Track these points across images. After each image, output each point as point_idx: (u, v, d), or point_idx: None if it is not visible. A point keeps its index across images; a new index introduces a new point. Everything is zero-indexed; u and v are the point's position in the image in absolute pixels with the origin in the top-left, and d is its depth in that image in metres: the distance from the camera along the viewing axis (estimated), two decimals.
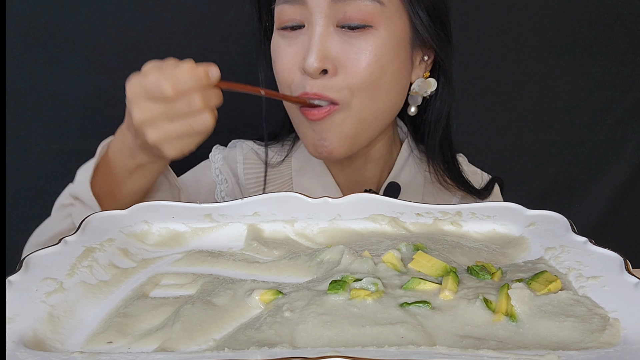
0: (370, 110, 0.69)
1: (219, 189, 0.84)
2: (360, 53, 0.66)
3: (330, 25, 0.66)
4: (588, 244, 0.48)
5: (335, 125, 0.68)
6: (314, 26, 0.66)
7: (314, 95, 0.66)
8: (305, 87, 0.67)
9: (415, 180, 0.83)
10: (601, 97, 1.26)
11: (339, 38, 0.66)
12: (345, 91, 0.67)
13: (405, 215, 0.58)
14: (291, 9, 0.68)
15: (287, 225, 0.58)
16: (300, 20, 0.68)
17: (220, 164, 0.85)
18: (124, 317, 0.41)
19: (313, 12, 0.66)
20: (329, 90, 0.66)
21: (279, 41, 0.71)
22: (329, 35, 0.66)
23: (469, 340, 0.37)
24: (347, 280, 0.43)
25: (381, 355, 0.33)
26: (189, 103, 0.54)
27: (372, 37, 0.66)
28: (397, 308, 0.40)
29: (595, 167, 1.30)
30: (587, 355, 0.33)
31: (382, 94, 0.69)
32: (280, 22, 0.70)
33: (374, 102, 0.69)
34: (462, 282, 0.44)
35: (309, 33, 0.67)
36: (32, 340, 0.36)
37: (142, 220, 0.56)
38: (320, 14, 0.65)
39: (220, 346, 0.37)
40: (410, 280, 0.43)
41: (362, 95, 0.68)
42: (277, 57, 0.71)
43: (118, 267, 0.49)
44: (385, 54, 0.67)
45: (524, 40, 1.20)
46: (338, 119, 0.68)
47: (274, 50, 0.72)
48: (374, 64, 0.66)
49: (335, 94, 0.67)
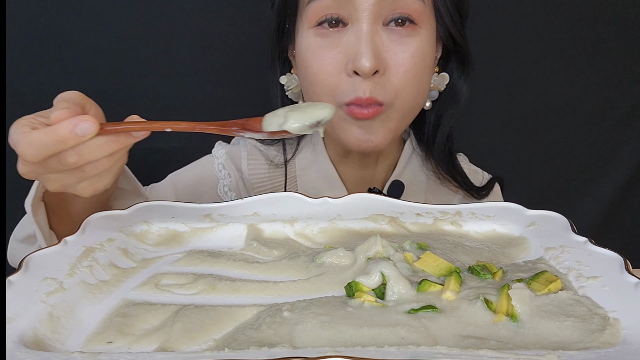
0: (411, 106, 0.70)
1: (222, 183, 0.83)
2: (408, 52, 0.65)
3: (377, 24, 0.65)
4: (588, 244, 0.48)
5: (381, 122, 0.68)
6: (361, 24, 0.64)
7: (367, 100, 0.65)
8: (358, 92, 0.65)
9: (417, 179, 0.84)
10: (601, 97, 1.26)
11: (387, 37, 0.65)
12: (392, 91, 0.66)
13: (405, 215, 0.58)
14: (333, 4, 0.65)
15: (287, 225, 0.58)
16: (342, 15, 0.65)
17: (223, 159, 0.84)
18: (124, 317, 0.41)
19: (359, 9, 0.63)
20: (379, 93, 0.65)
21: (316, 41, 0.67)
22: (377, 34, 0.65)
23: (470, 340, 0.37)
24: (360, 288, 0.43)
25: (381, 355, 0.33)
26: (60, 161, 0.45)
27: (418, 35, 0.66)
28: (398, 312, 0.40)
29: (595, 167, 1.30)
30: (587, 355, 0.33)
31: (422, 91, 0.71)
32: (318, 16, 0.66)
33: (414, 99, 0.70)
34: (464, 282, 0.44)
35: (354, 32, 0.65)
36: (32, 340, 0.36)
37: (142, 220, 0.56)
38: (367, 11, 0.63)
39: (220, 346, 0.37)
40: (422, 282, 0.43)
41: (406, 94, 0.68)
42: (315, 58, 0.67)
43: (118, 267, 0.49)
44: (428, 52, 0.68)
45: (524, 40, 1.20)
46: (383, 116, 0.68)
47: (310, 52, 0.68)
48: (420, 63, 0.67)
49: (384, 96, 0.66)
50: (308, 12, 0.67)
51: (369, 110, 0.65)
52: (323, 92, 0.68)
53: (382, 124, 0.68)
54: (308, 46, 0.68)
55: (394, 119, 0.69)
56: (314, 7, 0.66)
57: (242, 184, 0.83)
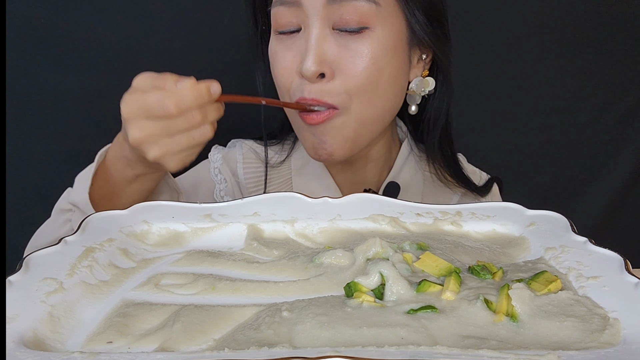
0: (369, 112, 0.69)
1: (218, 188, 0.83)
2: (357, 56, 0.65)
3: (327, 28, 0.65)
4: (588, 244, 0.48)
5: (335, 128, 0.68)
6: (310, 29, 0.65)
7: (312, 100, 0.66)
8: (304, 92, 0.66)
9: (414, 180, 0.83)
10: (601, 97, 1.26)
11: (336, 41, 0.65)
12: (343, 95, 0.66)
13: (405, 215, 0.58)
14: (287, 11, 0.67)
15: (287, 225, 0.58)
16: (296, 23, 0.67)
17: (219, 164, 0.84)
18: (124, 317, 0.41)
19: (309, 15, 0.65)
20: (327, 95, 0.66)
21: (276, 45, 0.70)
22: (326, 38, 0.65)
23: (470, 340, 0.37)
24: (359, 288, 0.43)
25: (381, 355, 0.33)
26: (188, 119, 0.53)
27: (369, 39, 0.65)
28: (397, 313, 0.40)
29: (595, 167, 1.30)
30: (587, 355, 0.33)
31: (381, 96, 0.69)
32: (277, 25, 0.69)
33: (373, 104, 0.68)
34: (464, 283, 0.44)
35: (305, 36, 0.66)
36: (32, 340, 0.36)
37: (142, 220, 0.56)
38: (315, 16, 0.65)
39: (220, 346, 0.37)
40: (421, 283, 0.43)
41: (360, 99, 0.67)
42: (275, 61, 0.70)
43: (118, 267, 0.49)
44: (383, 55, 0.66)
45: (524, 40, 1.20)
46: (337, 122, 0.68)
47: (272, 55, 0.71)
48: (371, 66, 0.65)
49: (333, 98, 0.66)
50: (272, 17, 0.70)
51: (319, 115, 0.66)
52: (282, 94, 0.71)
53: (336, 131, 0.68)
54: (271, 49, 0.71)
55: (351, 127, 0.68)
56: (274, 15, 0.69)
57: (238, 189, 0.84)
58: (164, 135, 0.53)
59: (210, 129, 0.56)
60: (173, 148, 0.54)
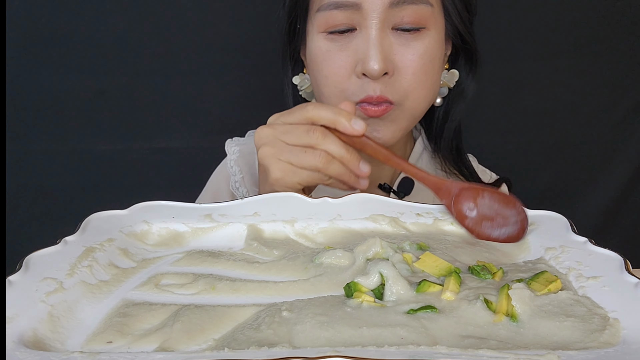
0: (421, 106, 0.72)
1: (233, 179, 0.86)
2: (416, 54, 0.68)
3: (386, 28, 0.67)
4: (588, 244, 0.48)
5: (390, 120, 0.70)
6: (369, 30, 0.66)
7: (377, 98, 0.67)
8: (368, 90, 0.67)
9: None
10: (601, 97, 1.26)
11: (395, 40, 0.67)
12: (402, 92, 0.69)
13: (405, 215, 0.58)
14: (342, 14, 0.67)
15: (287, 225, 0.58)
16: (351, 24, 0.67)
17: (236, 156, 0.86)
18: (124, 317, 0.41)
19: (368, 17, 0.66)
20: (389, 92, 0.68)
21: (327, 45, 0.70)
22: (385, 38, 0.67)
23: (470, 340, 0.37)
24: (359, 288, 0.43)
25: (381, 355, 0.33)
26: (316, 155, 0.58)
27: (426, 38, 0.68)
28: (397, 313, 0.40)
29: (595, 167, 1.30)
30: (587, 355, 0.33)
31: (431, 91, 0.72)
32: (327, 26, 0.69)
33: (424, 99, 0.72)
34: (464, 283, 0.44)
35: (362, 37, 0.67)
36: (32, 340, 0.36)
37: (142, 220, 0.56)
38: (376, 19, 0.66)
39: (220, 346, 0.37)
40: (421, 283, 0.43)
41: (416, 95, 0.70)
42: (326, 61, 0.70)
43: (118, 267, 0.49)
44: (437, 53, 0.70)
45: (525, 41, 1.20)
46: (393, 115, 0.70)
47: (321, 55, 0.71)
48: (428, 63, 0.69)
49: (393, 95, 0.68)
50: (317, 19, 0.69)
51: (380, 108, 0.68)
52: (334, 94, 0.71)
53: (392, 122, 0.70)
54: (318, 50, 0.70)
55: (404, 118, 0.71)
56: (323, 16, 0.68)
57: (252, 180, 0.84)
58: (298, 165, 0.59)
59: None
60: (300, 178, 0.59)
